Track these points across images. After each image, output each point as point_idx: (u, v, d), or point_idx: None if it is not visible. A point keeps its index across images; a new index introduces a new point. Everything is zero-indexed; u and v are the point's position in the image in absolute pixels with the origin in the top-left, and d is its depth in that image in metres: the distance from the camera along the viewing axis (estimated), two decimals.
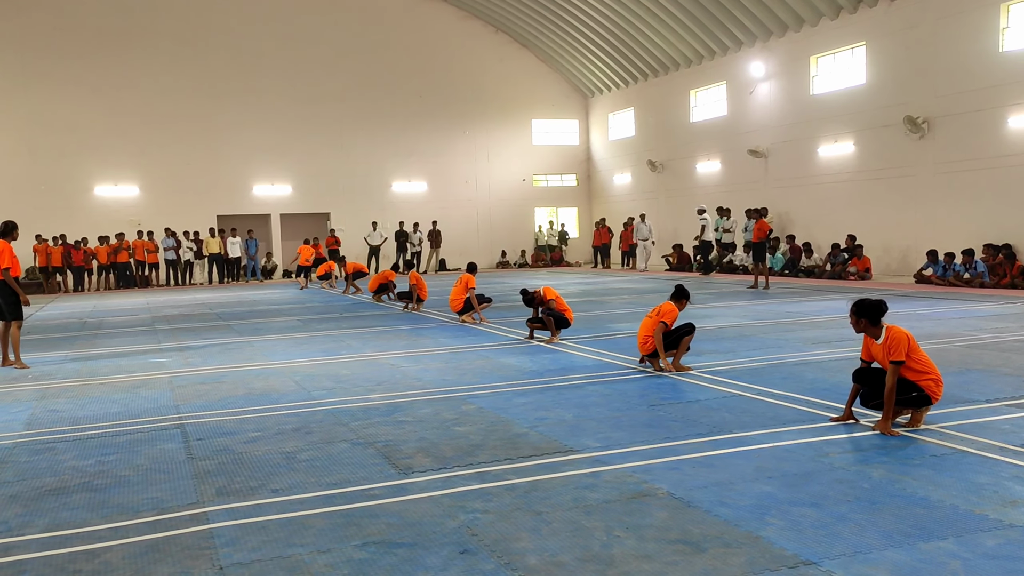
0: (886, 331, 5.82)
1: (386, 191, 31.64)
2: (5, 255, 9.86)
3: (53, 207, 27.34)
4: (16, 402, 8.01)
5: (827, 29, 22.34)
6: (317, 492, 4.87)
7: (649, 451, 5.51)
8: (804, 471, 4.96)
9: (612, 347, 10.12)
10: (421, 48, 31.57)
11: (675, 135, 29.07)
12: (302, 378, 8.73)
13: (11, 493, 5.08)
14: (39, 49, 27.32)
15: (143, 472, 5.45)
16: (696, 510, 4.36)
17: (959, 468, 4.93)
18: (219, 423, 6.77)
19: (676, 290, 8.63)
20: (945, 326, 11.08)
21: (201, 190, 29.12)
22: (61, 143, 27.58)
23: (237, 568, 3.81)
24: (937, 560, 3.64)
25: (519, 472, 5.14)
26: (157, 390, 8.37)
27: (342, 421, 6.68)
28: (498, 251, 33.09)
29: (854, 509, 4.30)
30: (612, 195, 33.18)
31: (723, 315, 13.24)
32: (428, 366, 9.25)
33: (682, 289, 8.62)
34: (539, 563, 3.76)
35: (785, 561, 3.69)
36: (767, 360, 8.85)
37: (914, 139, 19.91)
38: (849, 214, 21.83)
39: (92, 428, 6.78)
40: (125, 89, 28.16)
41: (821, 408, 6.53)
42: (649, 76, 29.86)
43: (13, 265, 9.94)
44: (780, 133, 24.16)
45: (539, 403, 7.11)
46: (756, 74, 24.81)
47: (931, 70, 19.53)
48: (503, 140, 33.05)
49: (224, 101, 29.23)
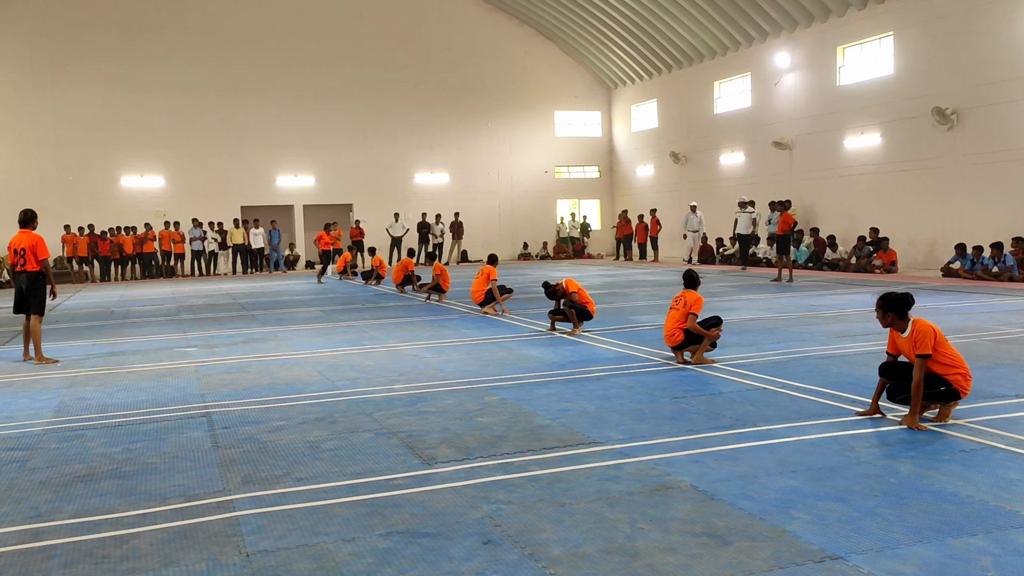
0: (912, 324, 5.75)
1: (408, 182, 31.70)
2: (42, 247, 9.79)
3: (80, 198, 27.71)
4: (45, 390, 8.13)
5: (854, 19, 22.06)
6: (341, 481, 4.90)
7: (672, 444, 5.49)
8: (829, 465, 4.91)
9: (635, 339, 10.08)
10: (445, 41, 31.55)
11: (699, 127, 28.86)
12: (325, 368, 8.78)
13: (41, 479, 5.16)
14: (68, 45, 27.63)
15: (170, 460, 5.51)
16: (720, 503, 4.34)
17: (989, 464, 4.86)
18: (244, 412, 6.83)
19: (688, 278, 8.55)
20: (973, 320, 10.93)
21: (225, 181, 29.35)
22: (88, 135, 27.88)
23: (263, 555, 3.84)
24: (967, 556, 3.60)
25: (542, 463, 5.13)
26: (183, 379, 8.45)
27: (366, 411, 6.71)
28: (520, 243, 33.07)
29: (881, 504, 4.26)
30: (635, 187, 33.03)
31: (747, 308, 13.16)
32: (450, 357, 9.27)
33: (692, 275, 8.57)
34: (562, 554, 3.76)
35: (811, 555, 3.66)
36: (791, 353, 8.78)
37: (942, 131, 19.63)
38: (875, 207, 21.59)
39: (120, 416, 6.86)
40: (151, 83, 28.40)
41: (846, 402, 6.47)
42: (673, 67, 29.65)
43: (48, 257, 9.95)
44: (805, 125, 23.91)
45: (561, 395, 7.10)
46: (781, 65, 24.55)
47: (960, 61, 19.23)
48: (526, 132, 32.99)
49: (248, 94, 29.40)
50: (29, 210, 9.98)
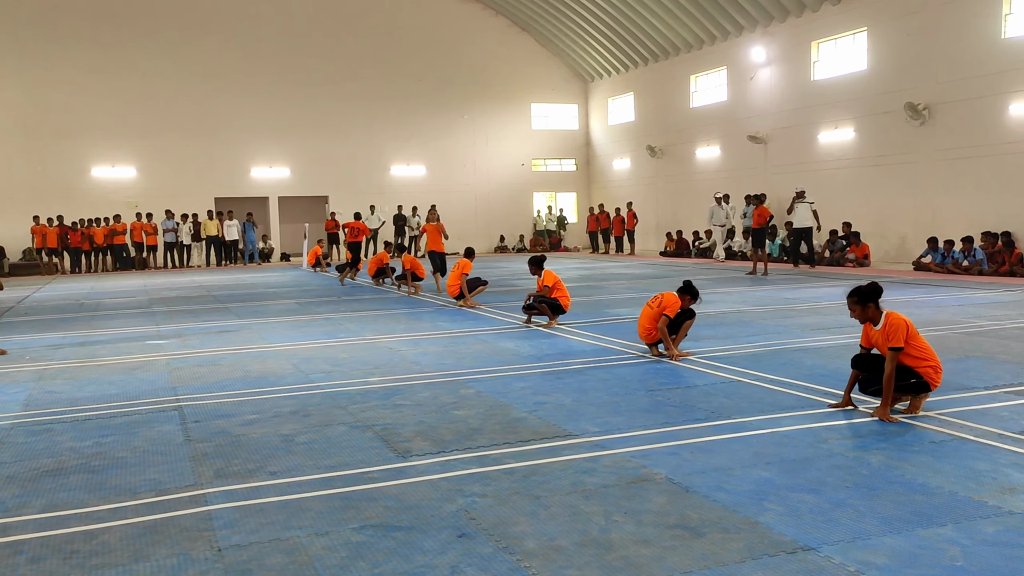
0: (885, 317, 5.81)
1: (385, 174, 31.54)
2: None
3: (50, 188, 27.27)
4: (13, 383, 7.99)
5: (829, 14, 22.22)
6: (315, 475, 4.86)
7: (648, 436, 5.50)
8: (802, 457, 4.95)
9: (611, 332, 10.10)
10: (420, 31, 31.38)
11: (675, 120, 28.96)
12: (300, 361, 8.72)
13: (8, 474, 5.07)
14: (36, 29, 27.14)
15: (141, 454, 5.43)
16: (695, 495, 4.36)
17: (958, 455, 4.92)
18: (216, 405, 6.76)
19: (686, 286, 8.37)
20: (944, 313, 11.07)
21: (199, 172, 29.03)
22: (58, 124, 27.43)
23: (235, 550, 3.80)
24: (936, 546, 3.64)
25: (518, 456, 5.13)
26: (155, 372, 8.35)
27: (340, 404, 6.66)
28: (496, 235, 33.04)
29: (853, 495, 4.29)
30: (611, 180, 33.09)
31: (722, 301, 13.23)
32: (427, 350, 9.23)
33: (691, 287, 8.37)
34: (537, 547, 3.76)
35: (784, 546, 3.69)
36: (766, 346, 8.84)
37: (915, 126, 19.84)
38: (849, 200, 21.79)
39: (90, 409, 6.76)
40: (123, 70, 28.00)
41: (820, 394, 6.52)
42: (649, 61, 29.71)
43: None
44: (780, 119, 24.07)
45: (538, 387, 7.10)
46: (757, 59, 24.68)
47: (933, 56, 19.44)
48: (502, 124, 32.92)
49: (222, 83, 29.08)
50: None
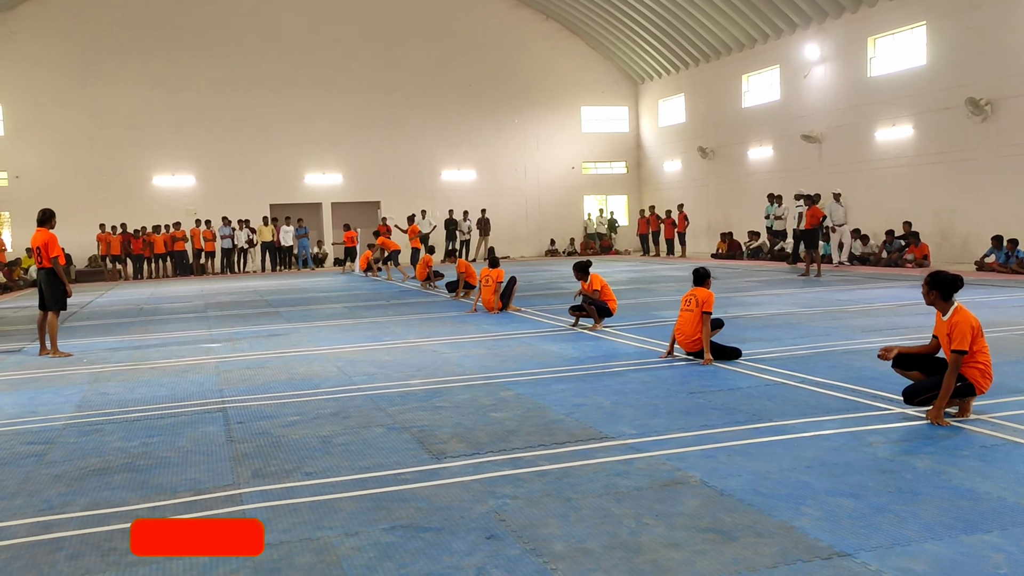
0: (953, 312, 5.64)
1: (435, 179, 31.76)
2: (53, 244, 10.06)
3: (113, 197, 28.15)
4: (70, 384, 8.25)
5: (886, 9, 21.67)
6: (349, 476, 4.90)
7: (685, 439, 5.42)
8: (844, 461, 4.82)
9: (656, 334, 9.98)
10: (471, 37, 31.54)
11: (726, 121, 28.56)
12: (344, 364, 8.81)
13: (56, 473, 5.22)
14: (99, 46, 28.07)
15: (184, 453, 5.55)
16: (729, 499, 4.27)
17: (1010, 460, 4.73)
18: (260, 407, 6.87)
19: (698, 274, 8.36)
20: (1005, 314, 10.68)
21: (254, 180, 29.63)
22: (120, 136, 28.30)
23: (266, 549, 3.83)
24: (979, 553, 3.50)
25: (552, 458, 5.09)
26: (204, 374, 8.53)
27: (380, 406, 6.71)
28: (547, 239, 32.99)
29: (895, 500, 4.16)
30: (662, 182, 32.78)
31: (772, 303, 12.99)
32: (470, 352, 9.25)
33: (702, 270, 8.35)
34: (565, 549, 3.72)
35: (819, 552, 3.59)
36: (814, 348, 8.64)
37: (976, 122, 19.21)
38: (907, 200, 21.19)
39: (139, 411, 6.93)
40: (182, 82, 28.75)
41: (867, 397, 6.34)
42: (700, 61, 29.36)
43: (60, 255, 10.18)
44: (835, 117, 23.55)
45: (578, 390, 7.05)
46: (811, 57, 24.19)
47: (994, 50, 18.81)
48: (552, 128, 32.88)
49: (277, 93, 29.64)
50: (47, 209, 10.29)
